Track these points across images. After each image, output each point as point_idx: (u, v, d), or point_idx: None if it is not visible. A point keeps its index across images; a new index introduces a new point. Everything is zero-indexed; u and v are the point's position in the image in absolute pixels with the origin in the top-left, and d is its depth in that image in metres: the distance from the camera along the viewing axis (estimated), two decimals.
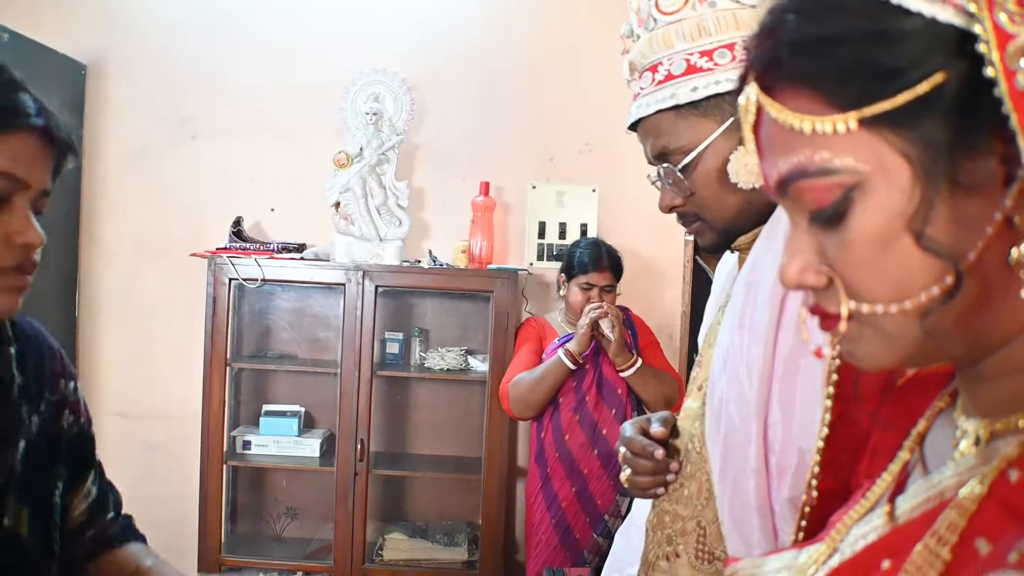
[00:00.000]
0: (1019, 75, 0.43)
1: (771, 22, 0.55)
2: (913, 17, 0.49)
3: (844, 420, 0.74)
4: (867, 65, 0.50)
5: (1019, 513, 0.46)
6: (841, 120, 0.50)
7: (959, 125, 0.48)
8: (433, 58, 3.41)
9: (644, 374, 2.75)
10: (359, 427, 3.08)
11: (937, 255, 0.49)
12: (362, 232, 3.15)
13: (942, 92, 0.48)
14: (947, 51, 0.48)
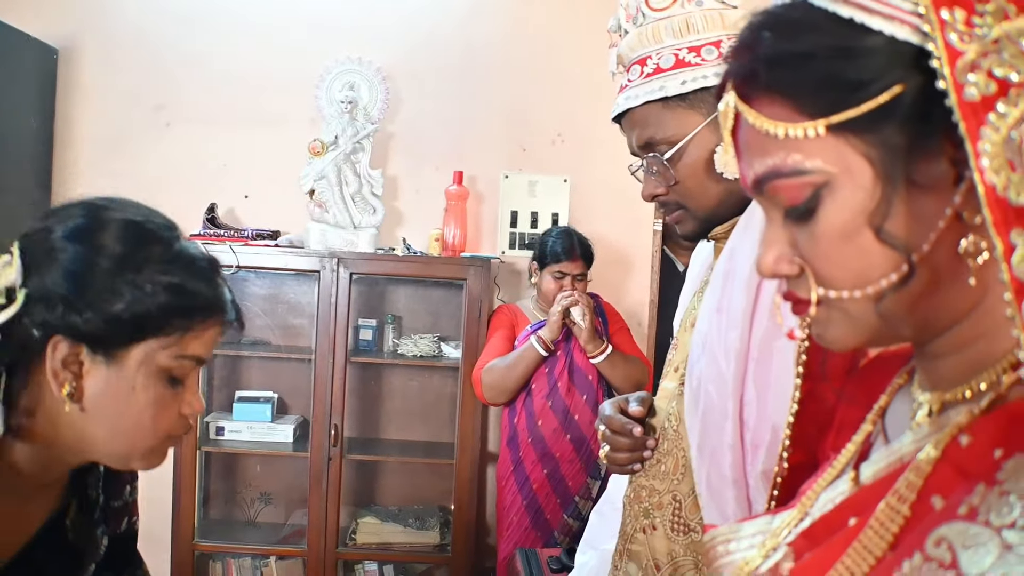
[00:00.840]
0: (967, 87, 0.49)
1: (749, 38, 0.61)
2: (875, 35, 0.54)
3: (812, 397, 0.80)
4: (835, 78, 0.56)
5: (968, 472, 0.52)
6: (811, 126, 0.56)
7: (915, 131, 0.54)
8: (408, 48, 3.43)
9: (614, 360, 2.81)
10: (333, 413, 3.11)
11: (894, 247, 0.55)
12: (336, 220, 3.17)
13: (900, 102, 0.54)
14: (904, 66, 0.54)
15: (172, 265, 0.92)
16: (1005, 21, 0.50)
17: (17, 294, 0.87)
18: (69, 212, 0.92)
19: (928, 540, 0.50)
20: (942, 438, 0.55)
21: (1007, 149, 0.47)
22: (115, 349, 0.90)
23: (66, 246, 0.89)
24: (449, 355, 3.33)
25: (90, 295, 0.88)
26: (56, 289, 0.87)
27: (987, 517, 0.48)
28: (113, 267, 0.89)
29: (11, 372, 0.88)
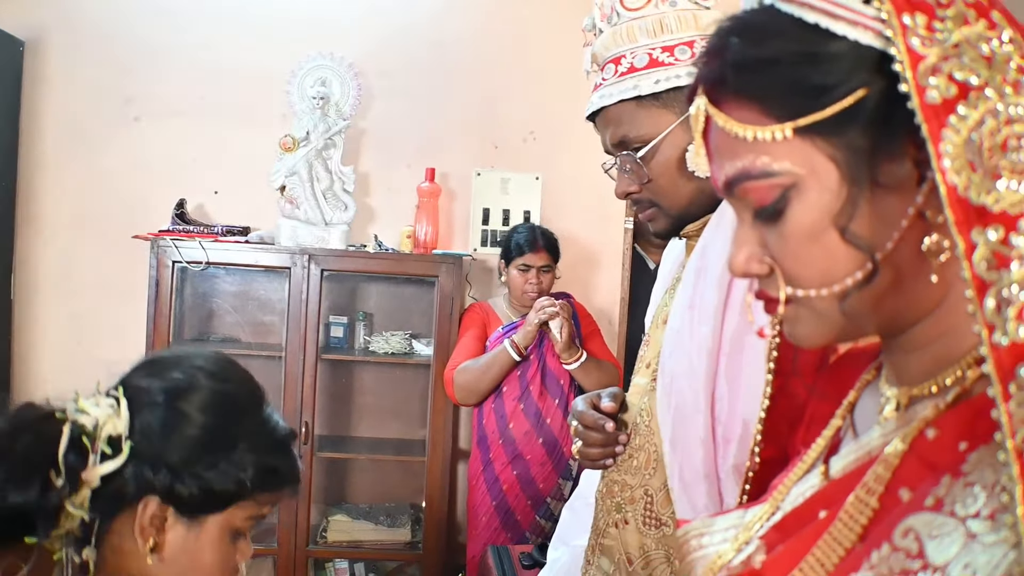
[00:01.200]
0: (929, 91, 0.51)
1: (718, 44, 0.62)
2: (839, 40, 0.56)
3: (783, 393, 0.81)
4: (800, 82, 0.57)
5: (934, 465, 0.54)
6: (779, 129, 0.58)
7: (879, 133, 0.56)
8: (380, 44, 3.42)
9: (588, 367, 2.83)
10: (303, 410, 3.10)
11: (858, 247, 0.57)
12: (308, 216, 3.15)
13: (864, 105, 0.55)
14: (868, 70, 0.55)
15: (264, 442, 1.01)
16: (965, 26, 0.52)
17: (123, 445, 0.92)
18: (177, 376, 0.99)
19: (896, 531, 0.51)
20: (909, 432, 0.57)
21: (968, 150, 0.49)
22: (201, 514, 0.97)
23: (175, 414, 0.95)
24: (420, 352, 3.32)
25: (192, 465, 0.94)
26: (162, 453, 0.93)
27: (952, 508, 0.49)
28: (214, 441, 0.96)
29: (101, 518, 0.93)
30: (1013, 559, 0.44)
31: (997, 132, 0.49)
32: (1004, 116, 0.49)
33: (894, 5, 0.54)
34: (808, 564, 0.56)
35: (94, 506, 0.92)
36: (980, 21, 0.53)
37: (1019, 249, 0.45)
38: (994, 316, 0.45)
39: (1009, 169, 0.48)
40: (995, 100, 0.50)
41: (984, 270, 0.46)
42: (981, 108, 0.49)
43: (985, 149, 0.48)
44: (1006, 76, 0.50)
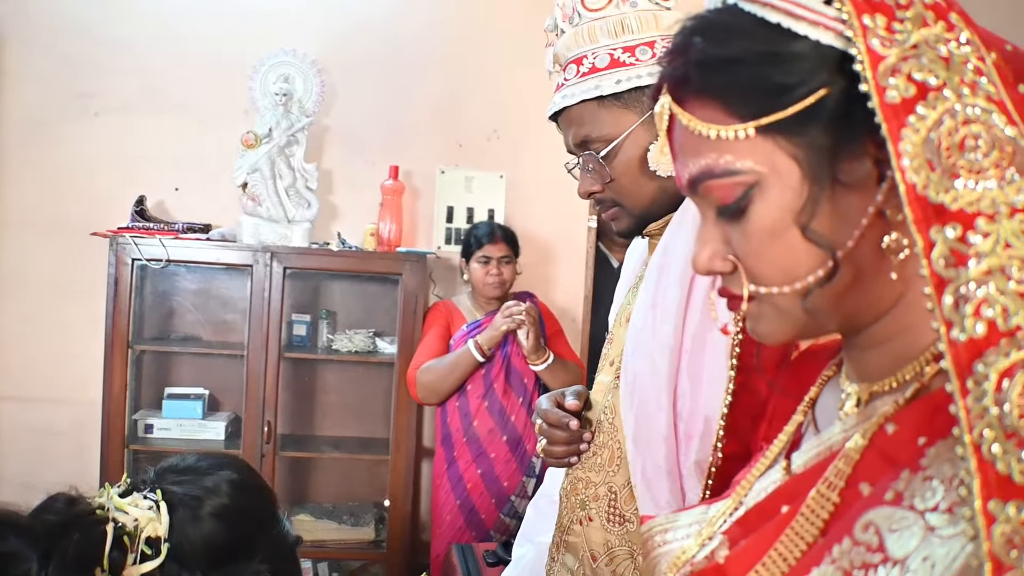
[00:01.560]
0: (889, 90, 0.51)
1: (681, 43, 0.63)
2: (801, 40, 0.57)
3: (745, 389, 0.82)
4: (763, 82, 0.58)
5: (894, 460, 0.55)
6: (741, 128, 0.58)
7: (839, 132, 0.56)
8: (344, 40, 3.40)
9: (554, 367, 2.84)
10: (266, 409, 3.07)
11: (819, 245, 0.57)
12: (270, 213, 3.12)
13: (825, 104, 0.56)
14: (829, 70, 0.56)
15: (278, 551, 1.11)
16: (924, 28, 0.53)
17: (162, 547, 0.98)
18: (210, 486, 1.06)
19: (856, 525, 0.52)
20: (869, 427, 0.58)
21: (926, 149, 0.49)
22: None
23: (209, 522, 1.02)
24: (384, 351, 3.31)
25: (219, 570, 1.01)
26: (194, 556, 1.00)
27: (912, 502, 0.50)
28: (240, 550, 1.04)
29: None
30: (970, 551, 0.45)
31: (955, 132, 0.49)
32: (962, 116, 0.50)
33: (855, 6, 0.54)
34: (771, 559, 0.57)
35: None
36: (939, 23, 0.54)
37: (976, 247, 0.46)
38: (952, 313, 0.45)
39: (966, 168, 0.48)
40: (953, 100, 0.50)
41: (942, 267, 0.47)
42: (939, 108, 0.50)
43: (943, 148, 0.49)
44: (963, 77, 0.51)
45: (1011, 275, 0.45)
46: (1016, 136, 0.49)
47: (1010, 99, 0.51)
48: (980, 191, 0.48)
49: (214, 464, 1.11)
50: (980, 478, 0.41)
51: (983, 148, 0.49)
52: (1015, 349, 0.43)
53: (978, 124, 0.50)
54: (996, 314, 0.44)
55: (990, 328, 0.44)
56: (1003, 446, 0.41)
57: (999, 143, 0.49)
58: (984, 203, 0.47)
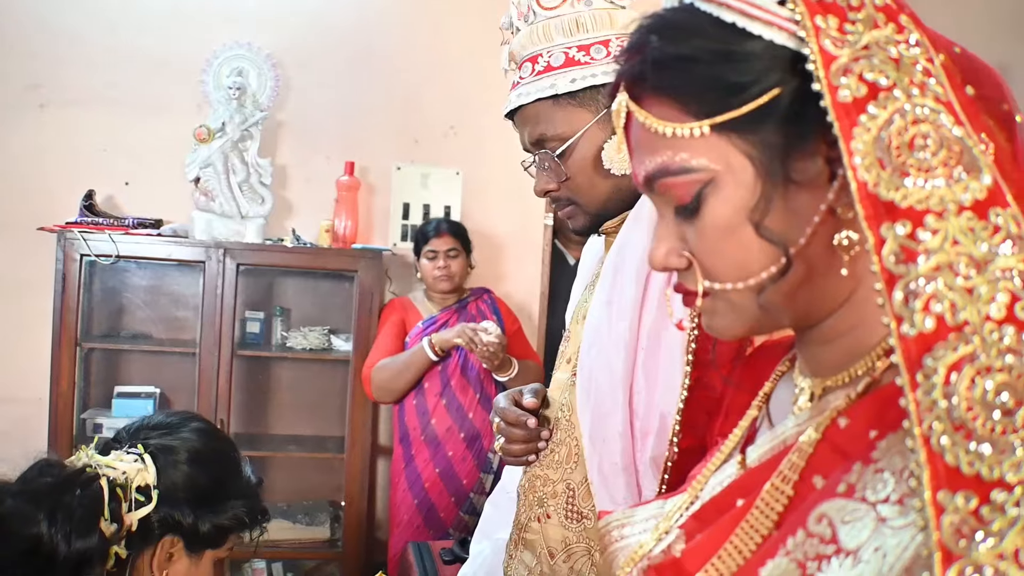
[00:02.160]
0: (841, 90, 0.52)
1: (638, 41, 0.63)
2: (755, 40, 0.58)
3: (701, 384, 0.83)
4: (717, 80, 0.58)
5: (846, 453, 0.56)
6: (696, 126, 0.59)
7: (792, 131, 0.57)
8: (299, 34, 3.36)
9: (517, 377, 2.83)
10: (218, 407, 3.03)
11: (772, 242, 0.58)
12: (223, 209, 3.08)
13: (778, 103, 0.57)
14: (782, 69, 0.57)
15: (248, 489, 1.27)
16: (875, 29, 0.54)
17: (152, 494, 1.11)
18: (188, 436, 1.21)
19: (810, 517, 0.53)
20: (822, 421, 0.59)
21: (877, 148, 0.50)
22: (205, 549, 1.20)
23: (193, 468, 1.18)
24: (339, 348, 3.28)
25: (206, 509, 1.17)
26: (185, 500, 1.15)
27: (863, 494, 0.51)
28: (220, 490, 1.21)
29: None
30: (920, 541, 0.46)
31: (905, 131, 0.50)
32: (911, 116, 0.51)
33: (807, 7, 0.55)
34: (726, 552, 0.58)
35: (127, 546, 1.11)
36: (889, 25, 0.55)
37: (925, 243, 0.47)
38: (902, 308, 0.46)
39: (916, 167, 0.49)
40: (903, 100, 0.51)
41: (893, 264, 0.47)
42: (890, 108, 0.51)
43: (893, 147, 0.50)
44: (913, 78, 0.52)
45: (959, 271, 0.46)
46: (963, 136, 0.50)
47: (957, 100, 0.52)
48: (929, 189, 0.49)
49: (182, 418, 1.25)
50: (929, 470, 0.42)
51: (932, 147, 0.50)
52: (963, 344, 0.44)
53: (927, 124, 0.51)
54: (944, 309, 0.45)
55: (939, 323, 0.45)
56: (951, 438, 0.42)
57: (947, 142, 0.50)
58: (933, 201, 0.48)
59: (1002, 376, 0.43)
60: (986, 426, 0.42)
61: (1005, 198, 0.48)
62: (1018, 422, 0.41)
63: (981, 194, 0.48)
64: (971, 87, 0.57)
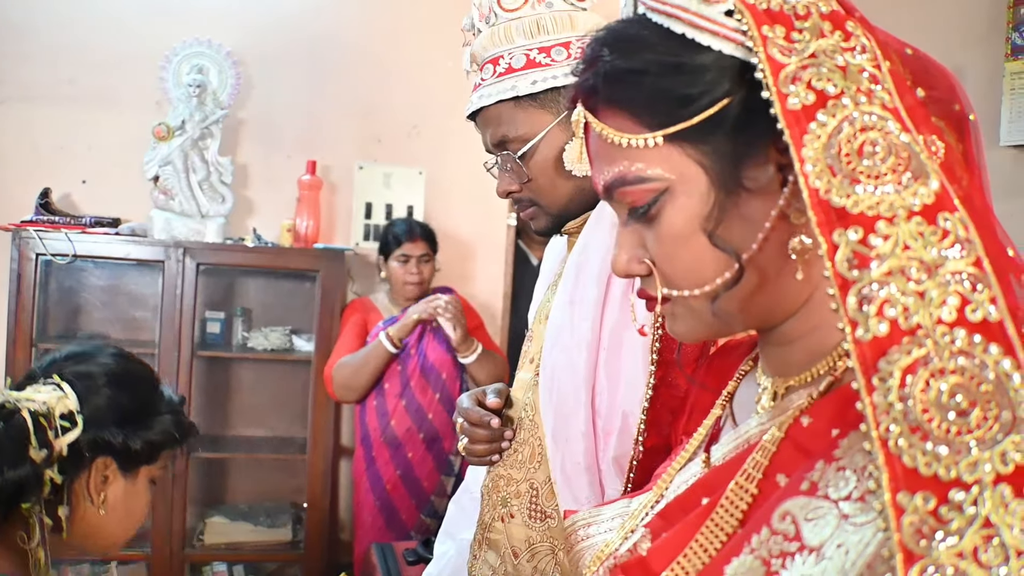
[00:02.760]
0: (790, 97, 0.53)
1: (591, 55, 0.65)
2: (704, 51, 0.59)
3: (665, 383, 0.85)
4: (669, 92, 0.60)
5: (809, 451, 0.57)
6: (650, 137, 0.61)
7: (743, 139, 0.59)
8: (260, 32, 3.33)
9: (482, 359, 2.84)
10: None
11: (725, 250, 0.60)
12: (183, 208, 3.05)
13: (728, 113, 0.59)
14: (732, 79, 0.58)
15: (171, 405, 1.28)
16: (822, 38, 0.55)
17: (77, 418, 1.13)
18: (106, 361, 1.22)
19: (774, 515, 0.54)
20: (785, 420, 0.60)
21: (827, 155, 0.51)
22: (136, 467, 1.22)
23: (114, 389, 1.19)
24: (301, 348, 3.26)
25: (133, 427, 1.20)
26: (111, 420, 1.17)
27: (826, 491, 0.52)
28: (144, 407, 1.23)
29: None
30: (882, 538, 0.47)
31: (854, 138, 0.52)
32: (860, 123, 0.52)
33: (754, 17, 0.56)
34: (692, 550, 0.59)
35: (61, 471, 1.12)
36: (836, 33, 0.56)
37: (877, 249, 0.48)
38: (856, 313, 0.47)
39: (866, 173, 0.50)
40: (851, 108, 0.52)
41: (846, 269, 0.48)
42: (839, 115, 0.52)
43: (843, 154, 0.51)
44: (860, 86, 0.53)
45: (910, 276, 0.47)
46: (910, 142, 0.51)
47: (904, 106, 0.53)
48: (879, 195, 0.50)
49: (95, 347, 1.27)
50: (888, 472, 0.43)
51: (880, 154, 0.51)
52: (916, 347, 0.45)
53: (875, 131, 0.52)
54: (898, 313, 0.46)
55: (892, 327, 0.46)
56: (908, 440, 0.43)
57: (895, 149, 0.51)
58: (883, 207, 0.49)
59: (955, 378, 0.44)
60: (941, 427, 0.43)
61: (953, 202, 0.49)
62: (972, 423, 0.43)
63: (929, 199, 0.49)
64: (922, 89, 0.59)
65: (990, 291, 0.46)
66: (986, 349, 0.44)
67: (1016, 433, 0.42)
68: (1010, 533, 0.40)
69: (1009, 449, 0.41)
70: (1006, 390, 0.43)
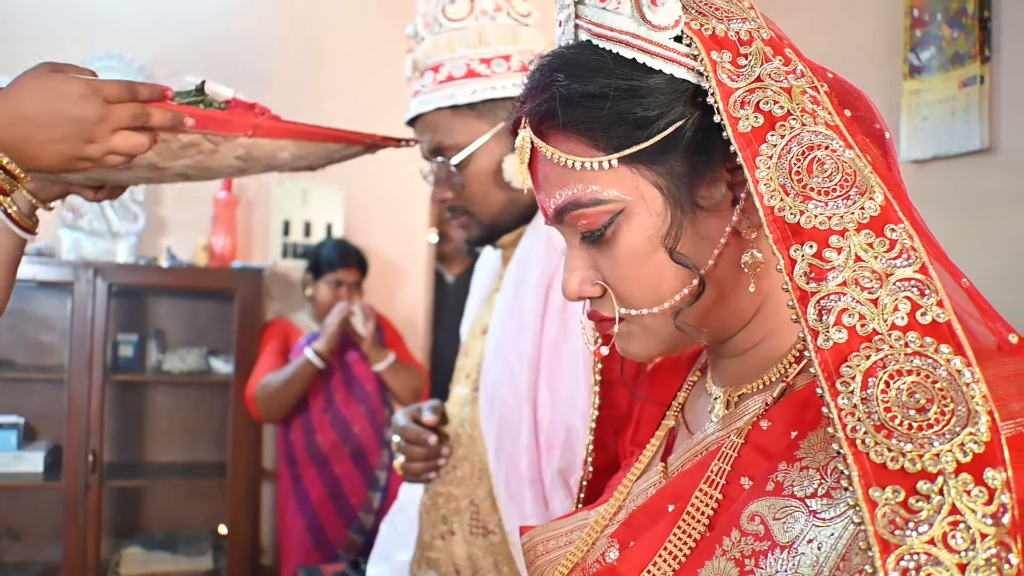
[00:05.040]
0: (741, 120, 0.56)
1: (542, 79, 0.66)
2: (657, 75, 0.61)
3: (607, 402, 0.86)
4: (624, 115, 0.62)
5: (770, 453, 0.59)
6: (606, 159, 0.62)
7: (696, 160, 0.62)
8: (174, 46, 3.24)
9: (396, 368, 2.82)
10: (90, 436, 2.88)
11: (685, 265, 0.62)
12: (92, 227, 2.95)
13: (682, 134, 0.61)
14: (684, 102, 0.61)
15: None
16: (766, 62, 0.58)
17: None
18: None
19: (743, 516, 0.56)
20: (744, 425, 0.62)
21: (779, 174, 0.54)
22: None
23: None
24: (219, 370, 3.17)
25: None
26: None
27: (792, 490, 0.54)
28: None
29: None
30: (854, 531, 0.50)
31: (803, 157, 0.54)
32: (807, 142, 0.55)
33: (703, 43, 0.59)
34: (662, 557, 0.60)
35: None
36: (777, 57, 0.59)
37: (832, 261, 0.51)
38: (816, 323, 0.50)
39: (816, 190, 0.53)
40: (798, 128, 0.55)
41: (804, 282, 0.51)
42: (787, 135, 0.55)
43: (794, 173, 0.54)
44: (804, 107, 0.57)
45: (864, 285, 0.50)
46: (854, 158, 0.54)
47: (843, 124, 0.57)
48: (830, 210, 0.52)
49: None
50: (858, 469, 0.45)
51: (829, 171, 0.54)
52: (874, 351, 0.48)
53: (822, 149, 0.55)
54: (855, 321, 0.49)
55: (851, 334, 0.49)
56: (874, 438, 0.45)
57: (841, 165, 0.54)
58: (834, 221, 0.52)
59: (912, 378, 0.47)
60: (903, 424, 0.46)
61: (897, 214, 0.52)
62: (931, 418, 0.45)
63: (876, 212, 0.52)
64: (848, 109, 0.62)
65: (936, 295, 0.49)
66: (937, 349, 0.47)
67: (972, 425, 0.45)
68: (975, 517, 0.43)
69: (967, 440, 0.44)
70: (959, 386, 0.46)
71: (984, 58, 2.12)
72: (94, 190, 1.03)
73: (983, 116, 2.11)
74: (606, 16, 0.62)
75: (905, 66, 2.34)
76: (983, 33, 2.12)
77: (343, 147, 1.15)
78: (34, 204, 0.99)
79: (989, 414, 0.45)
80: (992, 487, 0.43)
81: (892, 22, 2.41)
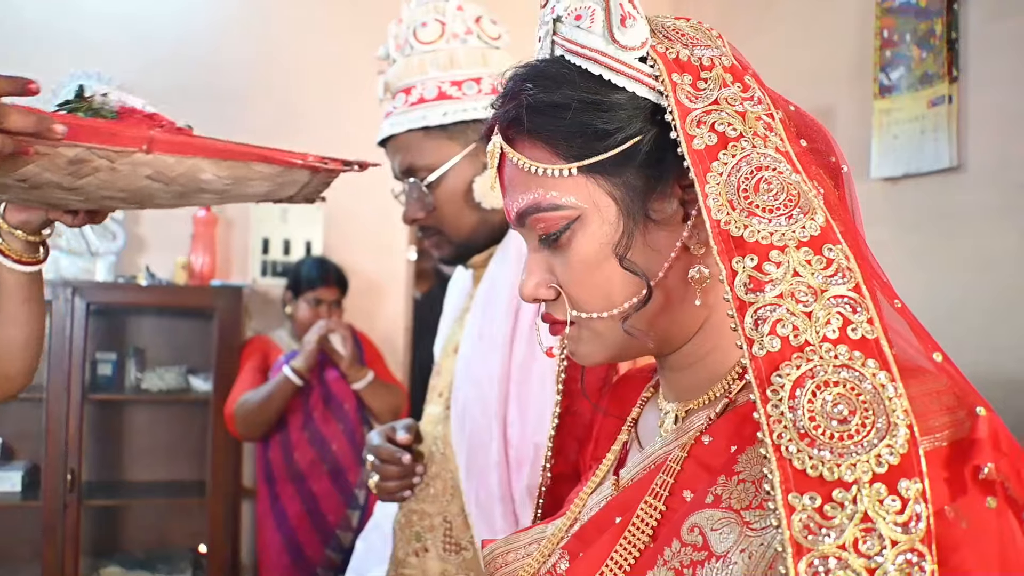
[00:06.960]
0: (696, 138, 0.59)
1: (514, 88, 0.69)
2: (620, 91, 0.65)
3: (571, 413, 0.89)
4: (586, 126, 0.65)
5: (711, 467, 0.61)
6: (566, 167, 0.65)
7: (651, 175, 0.65)
8: (151, 65, 3.25)
9: (375, 386, 2.82)
10: (69, 456, 2.86)
11: (635, 274, 0.64)
12: (71, 245, 2.95)
13: (639, 149, 0.64)
14: (644, 119, 0.64)
15: None
16: (724, 87, 0.62)
17: None
18: None
19: (683, 528, 0.58)
20: (687, 440, 0.65)
21: (728, 190, 0.57)
22: None
23: None
24: (199, 388, 3.17)
25: None
26: None
27: (729, 503, 0.57)
28: None
29: None
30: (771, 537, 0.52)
31: (751, 176, 0.57)
32: (756, 163, 0.58)
33: (665, 65, 0.63)
34: (608, 567, 0.62)
35: None
36: (735, 84, 0.62)
37: (771, 275, 0.53)
38: (752, 332, 0.52)
39: (761, 207, 0.56)
40: (749, 149, 0.58)
41: (743, 293, 0.53)
42: (738, 155, 0.58)
43: (742, 190, 0.57)
44: (756, 130, 0.59)
45: (800, 299, 0.52)
46: (800, 181, 0.57)
47: (794, 151, 0.60)
48: (773, 227, 0.55)
49: None
50: (780, 474, 0.47)
51: (775, 190, 0.57)
52: (805, 361, 0.50)
53: (770, 170, 0.57)
54: (788, 332, 0.51)
55: (784, 344, 0.51)
56: (798, 445, 0.48)
57: (787, 187, 0.57)
58: (776, 237, 0.55)
59: (838, 389, 0.49)
60: (826, 433, 0.48)
61: (836, 236, 0.55)
62: (852, 429, 0.48)
63: (816, 231, 0.55)
64: (805, 140, 0.65)
65: (867, 313, 0.51)
66: (865, 363, 0.49)
67: (890, 437, 0.47)
68: (886, 525, 0.45)
69: (884, 452, 0.46)
70: (882, 399, 0.48)
71: (952, 78, 2.16)
72: (72, 215, 1.00)
73: (952, 135, 2.15)
74: (579, 34, 0.66)
75: (875, 85, 2.39)
76: (951, 54, 2.17)
77: (284, 171, 1.05)
78: (29, 240, 0.98)
79: (908, 428, 0.47)
80: (906, 497, 0.45)
81: (863, 43, 2.46)
